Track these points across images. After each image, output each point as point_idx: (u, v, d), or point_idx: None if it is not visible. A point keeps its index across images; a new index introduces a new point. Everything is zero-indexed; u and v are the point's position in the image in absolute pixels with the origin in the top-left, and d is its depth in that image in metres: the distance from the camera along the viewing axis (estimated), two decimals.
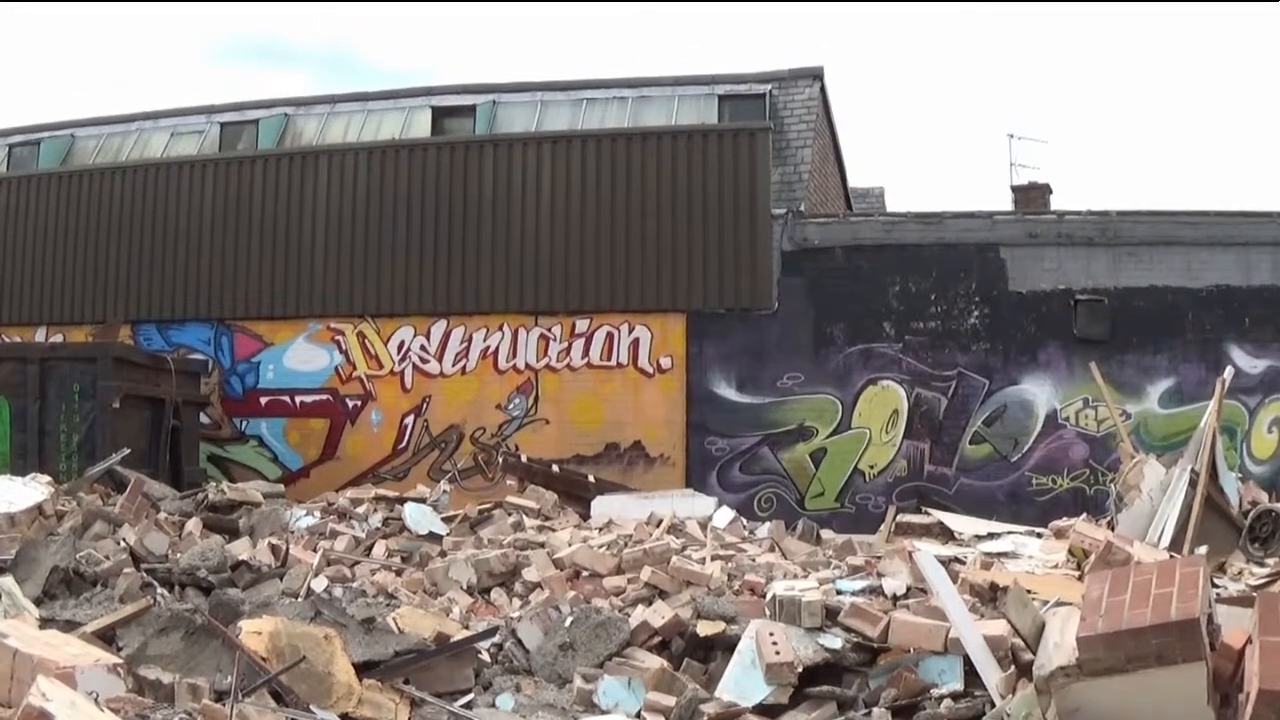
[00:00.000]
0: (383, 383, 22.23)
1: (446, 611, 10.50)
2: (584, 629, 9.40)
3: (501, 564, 11.92)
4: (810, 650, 8.49)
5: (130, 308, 23.21)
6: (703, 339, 21.21)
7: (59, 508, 13.76)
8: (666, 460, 21.10)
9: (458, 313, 21.96)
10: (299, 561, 12.06)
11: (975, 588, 9.48)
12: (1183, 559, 8.67)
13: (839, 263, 21.12)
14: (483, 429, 21.79)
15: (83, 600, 9.79)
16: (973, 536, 12.97)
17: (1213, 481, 11.97)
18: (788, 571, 11.45)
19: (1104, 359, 18.34)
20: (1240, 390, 19.23)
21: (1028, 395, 20.49)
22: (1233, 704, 6.51)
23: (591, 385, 21.54)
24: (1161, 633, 6.52)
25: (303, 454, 22.42)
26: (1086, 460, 20.22)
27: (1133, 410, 19.80)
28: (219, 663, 7.98)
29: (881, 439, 20.73)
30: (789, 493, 20.81)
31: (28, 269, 23.84)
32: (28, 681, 6.11)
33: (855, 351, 20.88)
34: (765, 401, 21.00)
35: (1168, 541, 11.19)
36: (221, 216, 22.89)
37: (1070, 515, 14.00)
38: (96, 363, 18.77)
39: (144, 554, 11.64)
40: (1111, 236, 20.49)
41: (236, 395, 22.72)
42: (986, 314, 20.67)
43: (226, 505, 14.91)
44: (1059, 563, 11.07)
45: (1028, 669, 7.53)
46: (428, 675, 8.63)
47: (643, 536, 13.09)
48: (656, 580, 10.96)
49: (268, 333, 22.70)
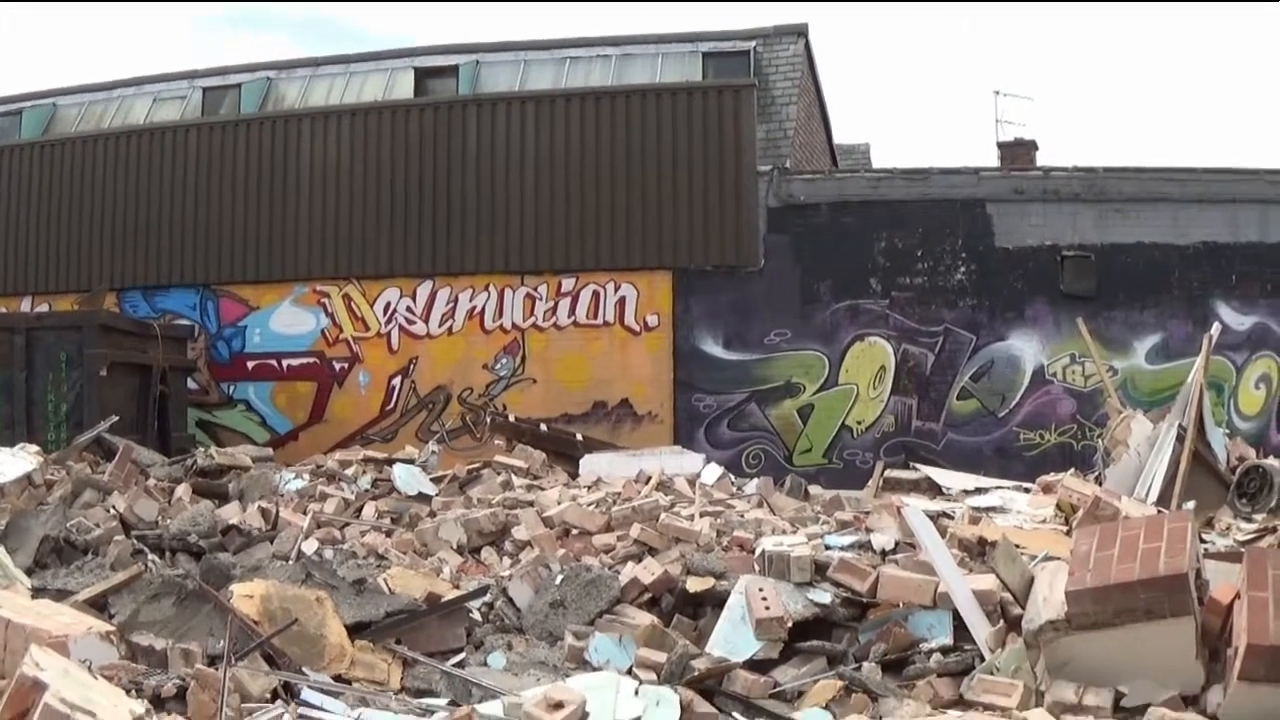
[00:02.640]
0: (369, 345, 22.22)
1: (437, 571, 10.51)
2: (574, 587, 9.43)
3: (491, 523, 11.93)
4: (800, 605, 8.51)
5: (115, 275, 23.15)
6: (689, 296, 21.21)
7: (48, 477, 13.74)
8: (654, 418, 21.12)
9: (443, 273, 21.93)
10: (289, 524, 12.07)
11: (963, 542, 9.52)
12: (1170, 514, 8.72)
13: (825, 219, 21.10)
14: (470, 389, 21.80)
15: (74, 569, 9.80)
16: (960, 491, 13.02)
17: (1200, 437, 12.01)
18: (776, 527, 11.49)
19: (1091, 315, 18.34)
20: (1227, 346, 19.28)
21: (1015, 351, 20.53)
22: (1221, 658, 6.56)
23: (578, 344, 21.53)
24: (1150, 587, 6.56)
25: (290, 417, 22.42)
26: (1074, 416, 20.28)
27: (1120, 366, 19.84)
28: (211, 627, 7.99)
29: (869, 395, 20.77)
30: (777, 449, 20.85)
31: (11, 239, 23.76)
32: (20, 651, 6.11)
33: (842, 308, 20.89)
34: (752, 358, 21.02)
35: (1155, 497, 11.23)
36: (205, 181, 22.82)
37: (1058, 470, 14.05)
38: (83, 331, 18.71)
39: (134, 521, 11.64)
40: (1098, 193, 20.49)
41: (223, 360, 22.69)
42: (973, 270, 20.67)
43: (215, 470, 14.92)
44: (1047, 518, 11.11)
45: (1017, 623, 7.57)
46: (419, 635, 8.65)
47: (631, 494, 13.11)
48: (646, 537, 10.98)
49: (253, 297, 22.66)
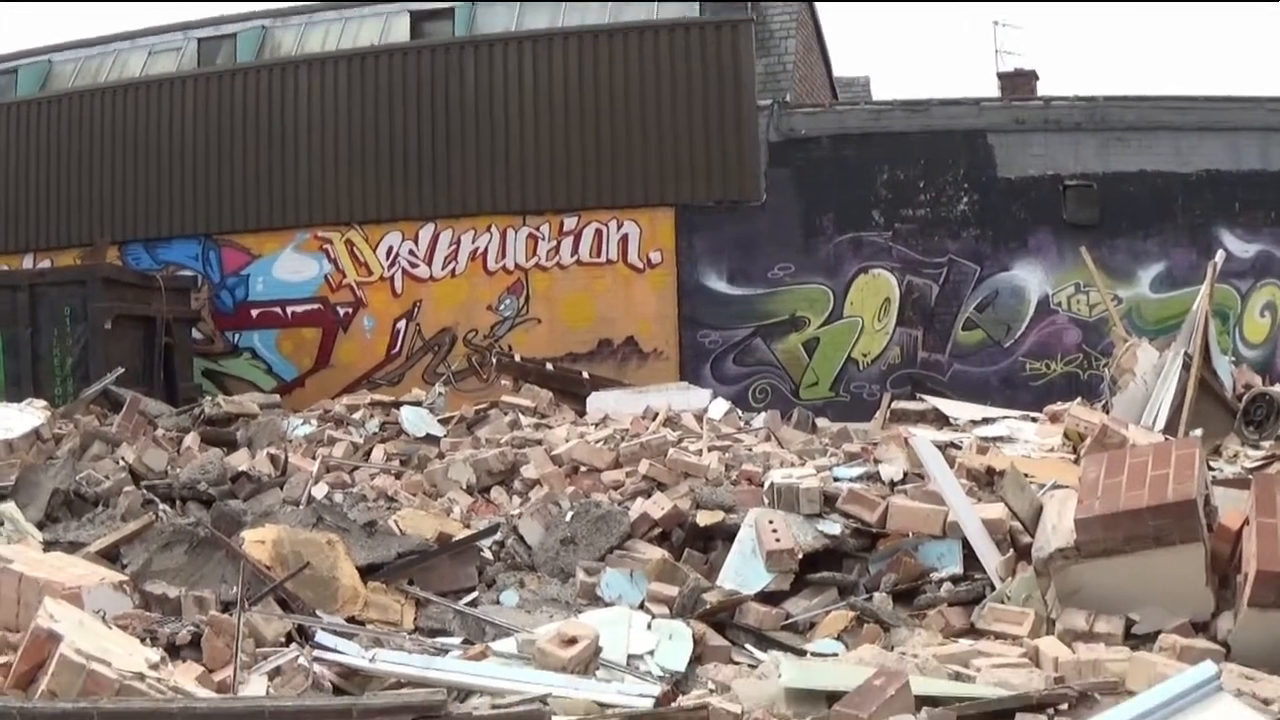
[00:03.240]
0: (373, 289, 22.19)
1: (447, 512, 10.55)
2: (584, 523, 9.46)
3: (500, 463, 11.95)
4: (810, 537, 8.54)
5: (117, 228, 23.09)
6: (692, 233, 21.16)
7: (56, 431, 13.76)
8: (660, 355, 21.11)
9: (445, 216, 21.87)
10: (298, 470, 12.09)
11: (972, 472, 9.53)
12: (1178, 441, 8.71)
13: (826, 152, 21.02)
14: (475, 331, 21.79)
15: (85, 521, 9.82)
16: (968, 422, 13.01)
17: (1206, 365, 12.02)
18: (785, 460, 11.48)
19: (1094, 244, 18.26)
20: (1232, 274, 19.23)
21: (1019, 281, 20.49)
22: (1231, 585, 6.58)
23: (582, 282, 21.50)
24: (1158, 514, 6.57)
25: (296, 364, 22.43)
26: (1079, 345, 20.25)
27: (1124, 295, 19.78)
28: (224, 574, 8.03)
29: (874, 327, 20.75)
30: (783, 383, 20.85)
31: (12, 196, 23.68)
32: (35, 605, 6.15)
33: (845, 241, 20.84)
34: (757, 293, 20.98)
35: (1162, 424, 11.25)
36: (204, 132, 22.74)
37: (1064, 400, 14.03)
38: (86, 285, 18.73)
39: (144, 471, 11.65)
40: (1099, 122, 20.38)
41: (227, 309, 22.67)
42: (976, 200, 20.61)
43: (223, 418, 14.93)
44: (1055, 446, 11.11)
45: (1026, 552, 7.60)
46: (431, 575, 8.69)
47: (639, 430, 13.12)
48: (654, 473, 10.99)
49: (255, 245, 22.61)
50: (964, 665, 6.19)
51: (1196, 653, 5.82)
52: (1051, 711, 5.26)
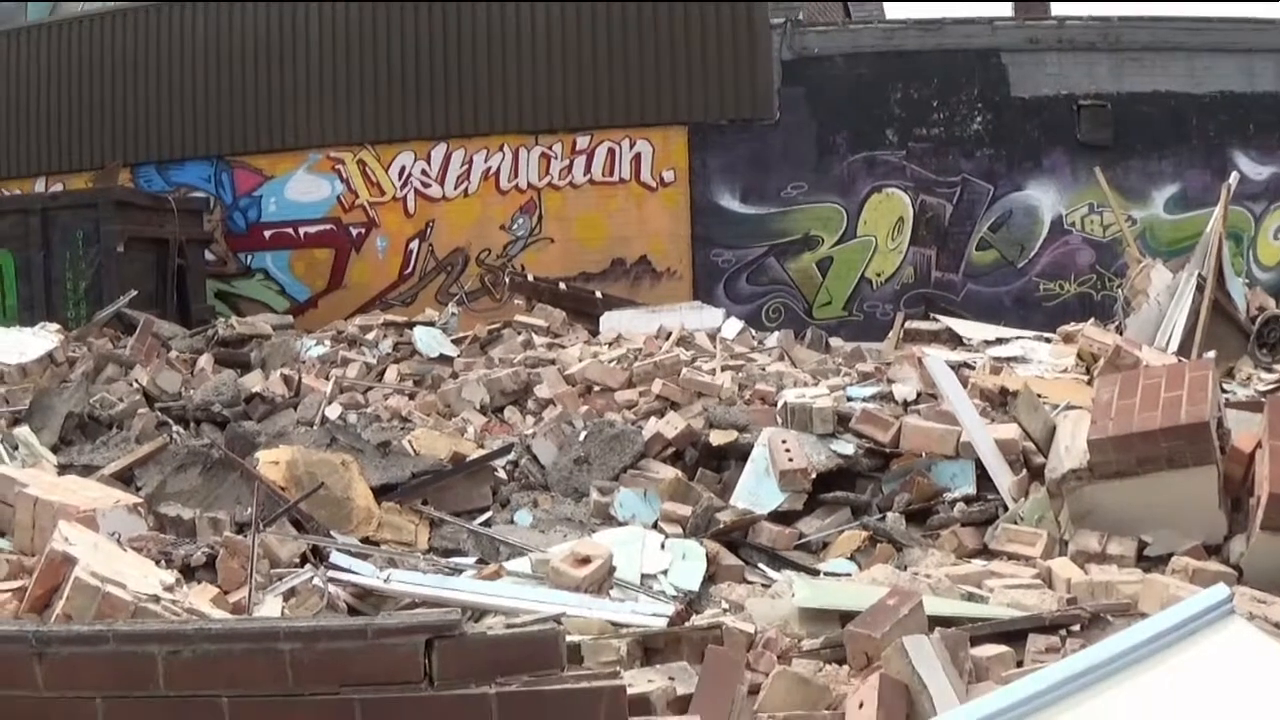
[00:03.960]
0: (385, 209, 22.13)
1: (461, 432, 10.58)
2: (598, 443, 9.48)
3: (513, 382, 11.97)
4: (823, 456, 8.56)
5: (128, 151, 22.98)
6: (705, 151, 21.06)
7: (70, 354, 13.79)
8: (673, 274, 21.07)
9: (457, 135, 21.77)
10: (312, 391, 12.11)
11: (985, 392, 9.52)
12: (1191, 363, 8.71)
13: (840, 71, 20.87)
14: (488, 250, 21.74)
15: (99, 444, 9.85)
16: (981, 342, 13.01)
17: (1220, 287, 11.99)
18: (798, 380, 11.48)
19: (1108, 165, 18.16)
20: (1246, 196, 19.12)
21: (1032, 201, 20.39)
22: (1243, 508, 6.58)
23: (595, 202, 21.43)
24: (1172, 435, 6.56)
25: (309, 285, 22.40)
26: (1093, 266, 20.18)
27: (1138, 216, 19.68)
28: (238, 495, 8.07)
29: (887, 246, 20.68)
30: (796, 302, 20.82)
31: (23, 121, 23.55)
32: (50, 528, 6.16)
33: (858, 160, 20.74)
34: (770, 212, 20.90)
35: (1175, 346, 11.24)
36: (214, 52, 22.57)
37: (1078, 320, 14.02)
38: (98, 208, 18.62)
39: (157, 393, 11.69)
40: (1113, 42, 20.22)
41: (240, 230, 22.61)
42: (989, 120, 20.47)
43: (237, 339, 14.96)
44: (1068, 367, 11.12)
45: (1039, 472, 7.61)
46: (445, 495, 8.73)
47: (652, 350, 13.12)
48: (668, 392, 11.00)
49: (267, 166, 22.52)
50: (977, 586, 6.21)
51: (1209, 575, 5.82)
52: (1064, 633, 5.28)
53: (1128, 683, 3.54)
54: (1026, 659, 5.08)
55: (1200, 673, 3.59)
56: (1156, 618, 3.85)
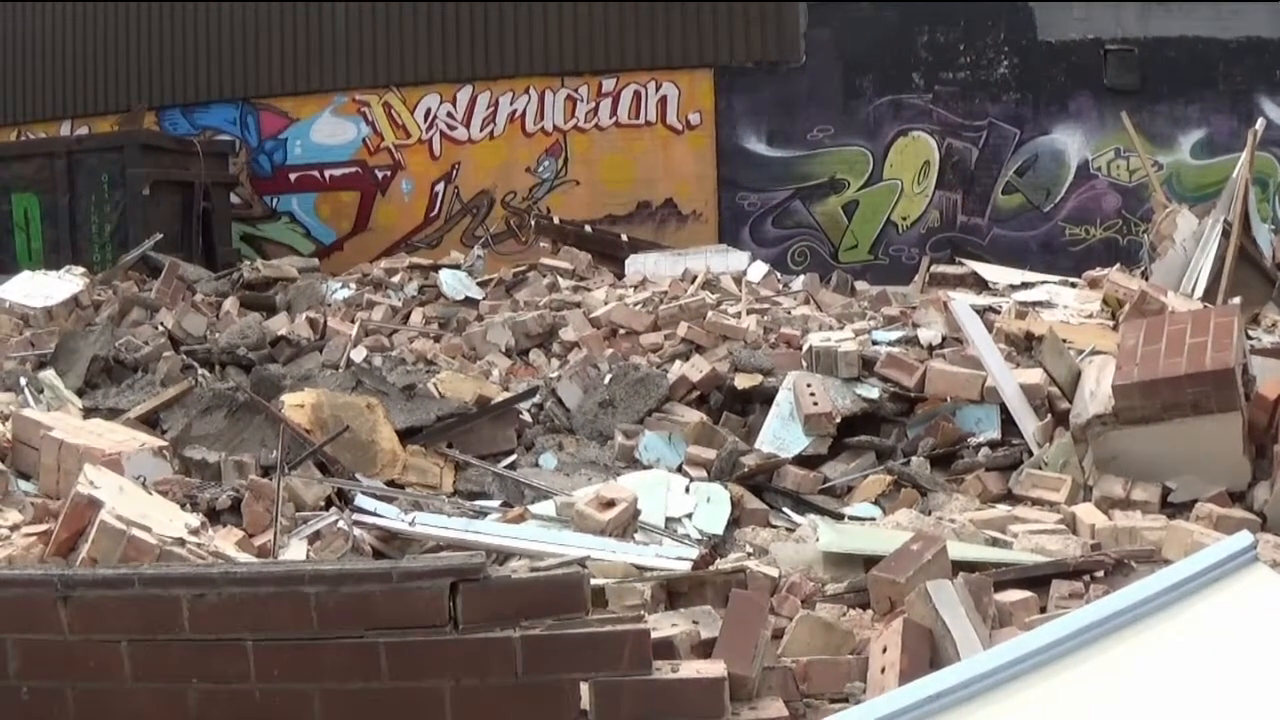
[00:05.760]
0: (411, 152, 22.09)
1: (486, 374, 10.58)
2: (623, 386, 9.48)
3: (538, 325, 11.98)
4: (848, 400, 8.56)
5: (154, 94, 22.93)
6: (730, 94, 20.96)
7: (95, 298, 13.84)
8: (699, 217, 21.01)
9: (482, 78, 21.69)
10: (337, 333, 12.13)
11: (1010, 337, 9.49)
12: (1217, 309, 8.66)
13: (866, 14, 20.72)
14: (514, 193, 21.70)
15: (124, 387, 9.86)
16: (1007, 286, 12.96)
17: (1246, 233, 11.91)
18: (823, 323, 11.47)
19: (1134, 109, 17.97)
20: (1272, 142, 18.91)
21: (1059, 145, 20.25)
22: (1268, 454, 6.57)
23: (620, 144, 21.36)
24: (1197, 382, 6.56)
25: (335, 227, 22.40)
26: (1119, 210, 20.05)
27: (1164, 161, 19.53)
28: (263, 438, 8.09)
29: (913, 190, 20.59)
30: (822, 246, 20.75)
31: (47, 64, 23.51)
32: (75, 471, 6.20)
33: (885, 103, 20.62)
34: (796, 155, 20.81)
35: (1201, 292, 11.16)
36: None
37: (1103, 265, 13.95)
38: (123, 151, 18.58)
39: (183, 336, 11.73)
40: None
41: (265, 173, 22.60)
42: (1016, 64, 20.31)
43: (262, 282, 14.98)
44: (1093, 312, 11.06)
45: (1064, 417, 7.59)
46: (470, 438, 8.74)
47: (678, 293, 13.11)
48: (693, 335, 11.01)
49: (293, 109, 22.48)
50: (1001, 531, 6.22)
51: (1233, 522, 5.82)
52: (1088, 578, 5.29)
53: (1150, 630, 3.55)
54: (1050, 604, 5.10)
55: (1223, 620, 3.59)
56: (1179, 565, 3.84)
